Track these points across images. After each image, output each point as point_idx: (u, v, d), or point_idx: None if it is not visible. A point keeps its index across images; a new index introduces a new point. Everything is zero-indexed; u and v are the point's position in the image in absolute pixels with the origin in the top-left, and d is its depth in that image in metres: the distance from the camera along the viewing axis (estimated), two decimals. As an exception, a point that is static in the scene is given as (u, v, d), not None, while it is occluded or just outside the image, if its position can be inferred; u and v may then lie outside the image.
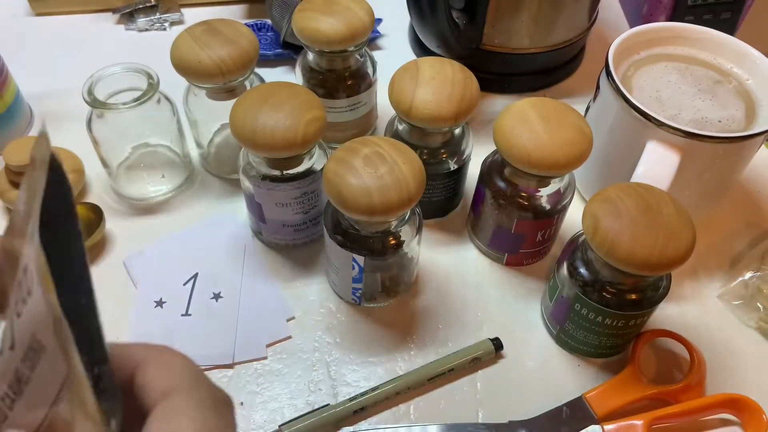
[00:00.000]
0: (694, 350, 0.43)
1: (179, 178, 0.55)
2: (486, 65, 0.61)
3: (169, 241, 0.51)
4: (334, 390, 0.43)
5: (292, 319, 0.47)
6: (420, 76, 0.45)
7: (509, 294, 0.49)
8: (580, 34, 0.62)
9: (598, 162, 0.50)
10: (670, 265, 0.36)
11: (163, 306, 0.47)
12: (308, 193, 0.46)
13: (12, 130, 0.57)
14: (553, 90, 0.65)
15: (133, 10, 0.70)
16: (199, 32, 0.47)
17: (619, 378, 0.43)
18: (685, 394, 0.42)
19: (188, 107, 0.51)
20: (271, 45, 0.66)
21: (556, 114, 0.43)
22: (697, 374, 0.42)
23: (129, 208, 0.53)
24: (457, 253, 0.51)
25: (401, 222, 0.43)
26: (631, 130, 0.46)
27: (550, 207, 0.46)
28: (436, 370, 0.44)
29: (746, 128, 0.45)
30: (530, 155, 0.41)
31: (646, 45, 0.50)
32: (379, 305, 0.48)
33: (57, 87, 0.63)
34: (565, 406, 0.42)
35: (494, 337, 0.45)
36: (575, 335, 0.44)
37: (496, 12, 0.57)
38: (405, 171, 0.39)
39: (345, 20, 0.49)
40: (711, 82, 0.49)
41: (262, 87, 0.44)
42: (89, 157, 0.53)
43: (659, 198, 0.38)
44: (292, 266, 0.50)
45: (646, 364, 0.45)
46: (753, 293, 0.48)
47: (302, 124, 0.41)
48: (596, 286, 0.40)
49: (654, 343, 0.46)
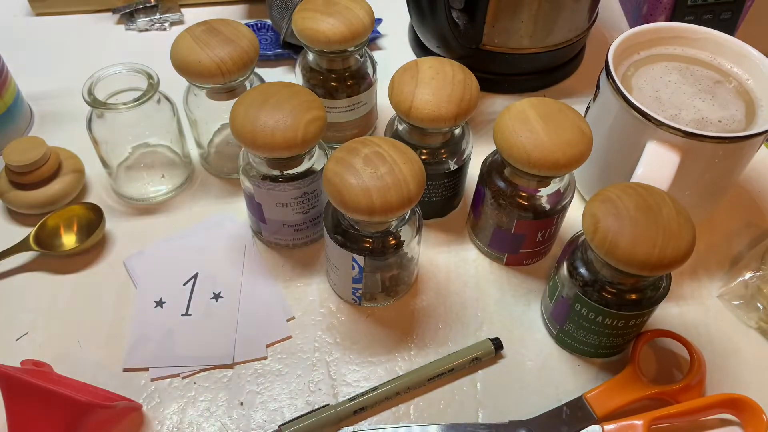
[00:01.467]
0: (694, 350, 0.43)
1: (179, 178, 0.55)
2: (486, 65, 0.61)
3: (169, 241, 0.51)
4: (334, 390, 0.44)
5: (292, 319, 0.47)
6: (420, 76, 0.45)
7: (509, 294, 0.49)
8: (580, 34, 0.62)
9: (598, 162, 0.50)
10: (670, 265, 0.36)
11: (163, 306, 0.47)
12: (308, 193, 0.46)
13: (12, 130, 0.57)
14: (553, 90, 0.65)
15: (133, 10, 0.71)
16: (199, 32, 0.47)
17: (619, 378, 0.43)
18: (685, 394, 0.42)
19: (188, 107, 0.52)
20: (271, 45, 0.66)
21: (556, 114, 0.43)
22: (697, 374, 0.42)
23: (129, 208, 0.53)
24: (457, 253, 0.51)
25: (401, 222, 0.43)
26: (631, 131, 0.46)
27: (550, 207, 0.46)
28: (436, 370, 0.44)
29: (746, 128, 0.45)
30: (530, 155, 0.41)
31: (646, 45, 0.50)
32: (379, 305, 0.48)
33: (57, 87, 0.63)
34: (565, 406, 0.42)
35: (494, 337, 0.45)
36: (575, 335, 0.44)
37: (496, 12, 0.57)
38: (405, 171, 0.39)
39: (345, 20, 0.49)
40: (711, 82, 0.49)
41: (262, 87, 0.44)
42: (89, 157, 0.53)
43: (659, 198, 0.38)
44: (292, 266, 0.50)
45: (646, 364, 0.45)
46: (753, 293, 0.48)
47: (302, 124, 0.41)
48: (596, 286, 0.40)
49: (654, 343, 0.46)
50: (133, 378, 0.43)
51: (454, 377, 0.44)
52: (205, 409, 0.42)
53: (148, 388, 0.43)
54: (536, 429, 0.41)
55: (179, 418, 0.42)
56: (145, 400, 0.43)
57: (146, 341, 0.45)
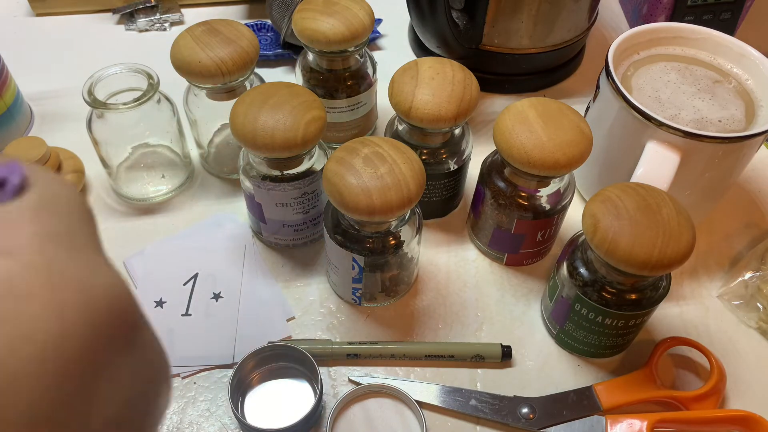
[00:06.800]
0: (714, 361, 0.43)
1: (179, 178, 0.55)
2: (486, 65, 0.61)
3: (169, 241, 0.51)
4: (334, 390, 0.44)
5: (292, 319, 0.47)
6: (420, 76, 0.45)
7: (509, 294, 0.49)
8: (580, 34, 0.62)
9: (598, 162, 0.50)
10: (670, 265, 0.36)
11: (163, 306, 0.47)
12: (308, 193, 0.46)
13: (12, 130, 0.57)
14: (553, 90, 0.65)
15: (133, 11, 0.71)
16: (199, 32, 0.47)
17: (633, 375, 0.43)
18: (699, 403, 0.41)
19: (188, 107, 0.52)
20: (271, 45, 0.66)
21: (556, 114, 0.43)
22: (715, 386, 0.42)
23: (129, 208, 0.53)
24: (457, 253, 0.51)
25: (401, 222, 0.43)
26: (630, 131, 0.46)
27: (550, 207, 0.46)
28: (437, 350, 0.44)
29: (746, 128, 0.45)
30: (530, 155, 0.41)
31: (646, 45, 0.50)
32: (379, 305, 0.48)
33: (57, 87, 0.63)
34: (572, 392, 0.42)
35: (506, 345, 0.45)
36: (575, 335, 0.44)
37: (495, 12, 0.57)
38: (405, 171, 0.39)
39: (345, 20, 0.49)
40: (710, 82, 0.49)
41: (262, 87, 0.44)
42: (89, 157, 0.53)
43: (659, 198, 0.38)
44: (292, 266, 0.50)
45: (663, 369, 0.45)
46: (753, 293, 0.48)
47: (302, 124, 0.41)
48: (596, 286, 0.40)
49: (674, 349, 0.45)
50: (133, 378, 0.43)
51: (454, 366, 0.44)
52: (205, 409, 0.42)
53: (148, 388, 0.43)
54: (539, 408, 0.42)
55: (179, 418, 0.42)
56: (145, 400, 0.43)
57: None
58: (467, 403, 0.42)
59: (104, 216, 0.53)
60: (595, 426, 0.41)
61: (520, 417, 0.41)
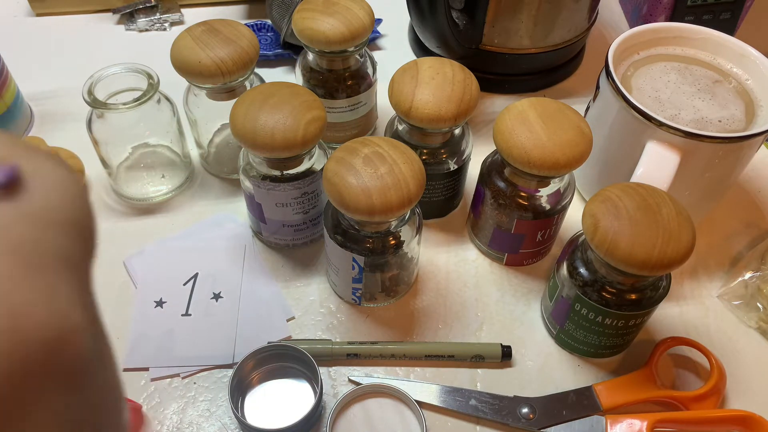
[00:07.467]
0: (714, 361, 0.43)
1: (179, 178, 0.55)
2: (486, 65, 0.61)
3: (169, 241, 0.51)
4: (334, 390, 0.44)
5: (292, 319, 0.47)
6: (420, 76, 0.45)
7: (509, 294, 0.49)
8: (580, 34, 0.62)
9: (598, 162, 0.50)
10: (670, 265, 0.36)
11: (163, 306, 0.47)
12: (308, 193, 0.46)
13: (12, 130, 0.57)
14: (553, 90, 0.65)
15: (133, 11, 0.71)
16: (199, 32, 0.47)
17: (633, 375, 0.43)
18: (698, 403, 0.41)
19: (188, 107, 0.52)
20: (271, 45, 0.66)
21: (556, 114, 0.43)
22: (715, 386, 0.42)
23: (129, 208, 0.53)
24: (457, 253, 0.51)
25: (401, 222, 0.43)
26: (630, 131, 0.46)
27: (550, 207, 0.46)
28: (436, 350, 0.44)
29: (746, 128, 0.45)
30: (530, 155, 0.41)
31: (646, 45, 0.50)
32: (379, 305, 0.48)
33: (57, 87, 0.63)
34: (572, 392, 0.42)
35: (507, 345, 0.45)
36: (575, 335, 0.44)
37: (495, 12, 0.57)
38: (405, 171, 0.39)
39: (345, 20, 0.49)
40: (710, 81, 0.49)
41: (262, 87, 0.44)
42: (89, 157, 0.53)
43: (659, 198, 0.38)
44: (292, 266, 0.50)
45: (663, 369, 0.45)
46: (753, 293, 0.48)
47: (302, 124, 0.41)
48: (596, 286, 0.40)
49: (674, 349, 0.45)
50: (133, 378, 0.43)
51: (454, 366, 0.44)
52: (205, 409, 0.42)
53: (148, 388, 0.43)
54: (539, 407, 0.42)
55: (179, 418, 0.42)
56: (145, 400, 0.43)
57: (146, 341, 0.45)
58: (467, 403, 0.42)
59: (104, 216, 0.53)
60: (595, 426, 0.41)
61: (520, 417, 0.41)
